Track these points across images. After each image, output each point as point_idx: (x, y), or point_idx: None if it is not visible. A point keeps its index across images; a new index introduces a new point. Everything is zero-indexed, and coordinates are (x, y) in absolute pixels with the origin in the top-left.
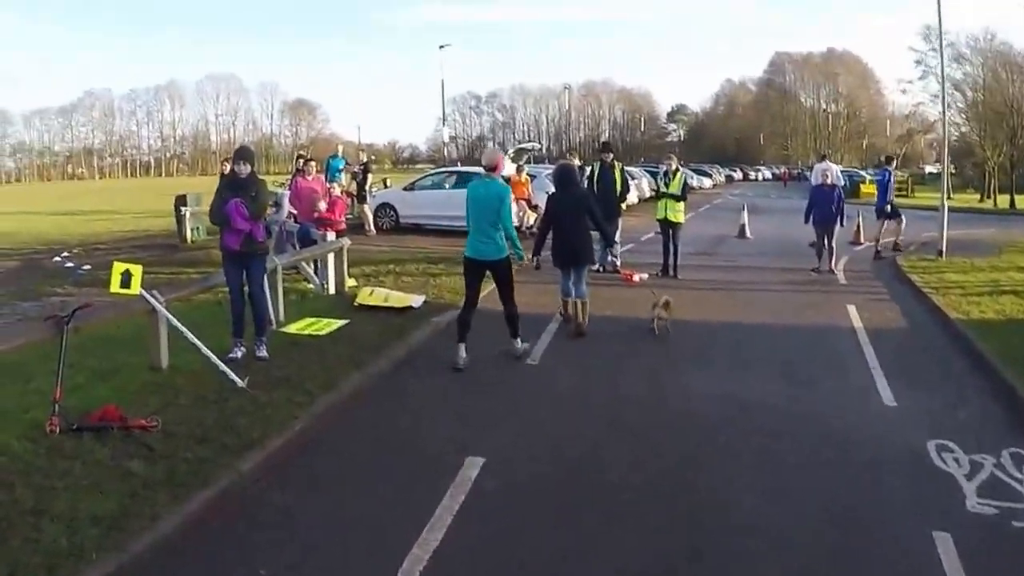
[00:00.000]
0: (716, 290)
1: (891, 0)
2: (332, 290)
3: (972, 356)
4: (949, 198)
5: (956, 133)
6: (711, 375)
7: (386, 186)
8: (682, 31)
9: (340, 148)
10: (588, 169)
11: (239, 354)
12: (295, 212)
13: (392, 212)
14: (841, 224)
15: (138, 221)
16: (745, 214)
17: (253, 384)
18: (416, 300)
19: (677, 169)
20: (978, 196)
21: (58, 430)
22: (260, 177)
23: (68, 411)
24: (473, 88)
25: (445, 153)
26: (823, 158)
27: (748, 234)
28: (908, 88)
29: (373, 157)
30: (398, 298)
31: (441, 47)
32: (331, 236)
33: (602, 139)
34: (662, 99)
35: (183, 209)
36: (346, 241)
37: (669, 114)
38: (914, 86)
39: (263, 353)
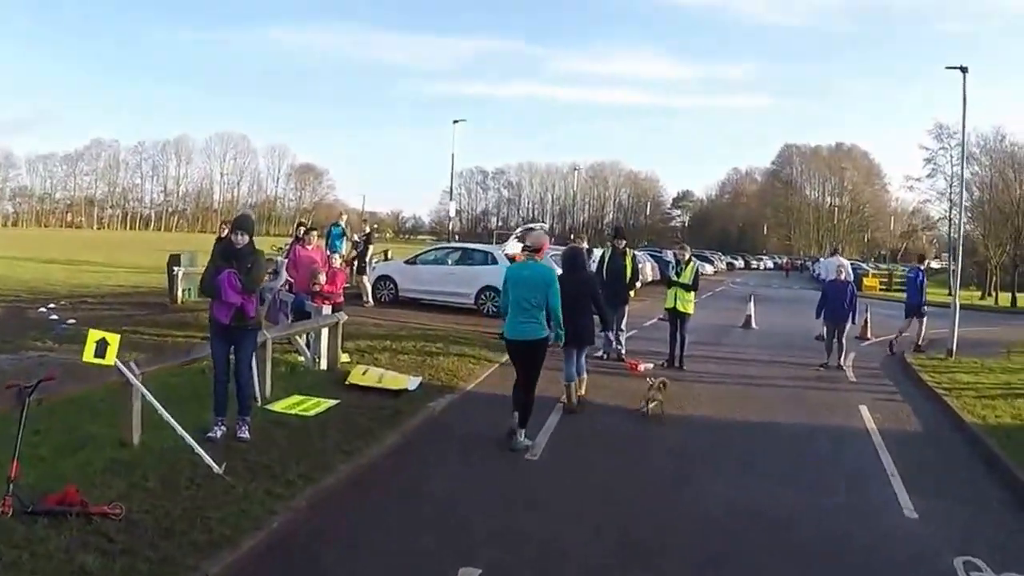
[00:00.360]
0: (723, 384)
1: (902, 98)
2: (324, 366)
3: (992, 464)
4: (949, 294)
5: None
6: (721, 481)
7: (387, 258)
8: (693, 119)
9: (343, 216)
10: (597, 253)
11: (219, 434)
12: (291, 281)
13: (392, 285)
14: (853, 321)
15: (130, 276)
16: (751, 304)
17: (230, 470)
18: (412, 382)
19: (690, 259)
20: (979, 293)
21: (10, 512)
22: (258, 248)
23: (24, 491)
24: (481, 163)
25: (450, 227)
26: (835, 252)
27: (754, 324)
28: (916, 185)
29: (376, 226)
30: (393, 379)
31: (455, 122)
32: (327, 309)
33: (613, 224)
34: (668, 184)
35: (176, 269)
36: (342, 316)
37: (675, 199)
38: (922, 183)
39: (244, 434)
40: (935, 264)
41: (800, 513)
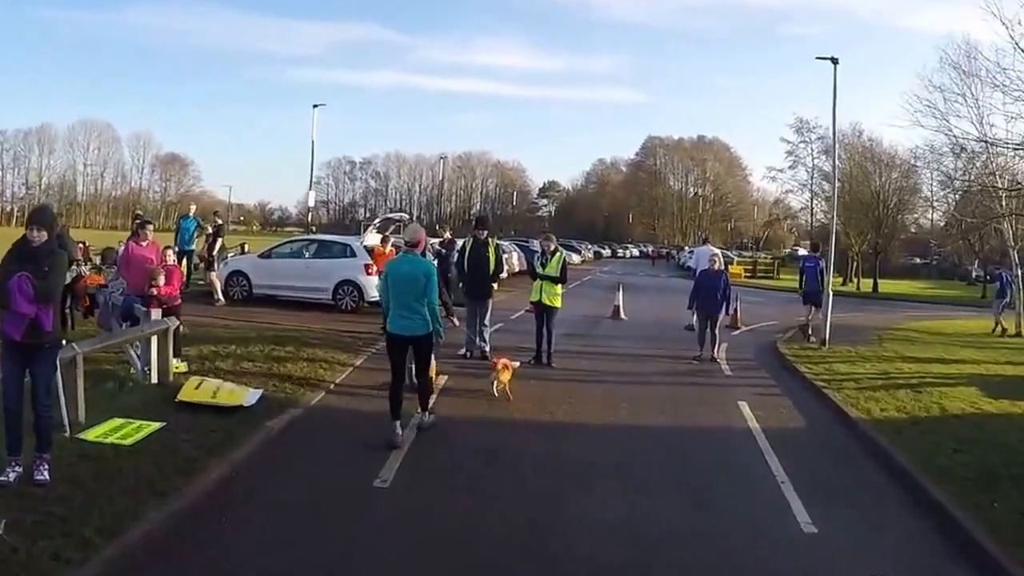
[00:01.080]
0: (596, 382)
1: (762, 93)
2: (155, 379)
3: (885, 463)
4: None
5: (821, 221)
6: (599, 496)
7: (243, 251)
8: (558, 110)
9: (192, 207)
10: (459, 243)
11: (12, 477)
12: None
13: (245, 281)
14: (726, 312)
15: None
16: (620, 295)
17: (14, 526)
18: (250, 396)
19: (556, 249)
20: (841, 279)
21: None
22: (63, 246)
23: None
24: (348, 153)
25: (310, 218)
26: (706, 241)
27: (623, 315)
28: (778, 176)
29: (219, 221)
30: (229, 393)
31: (315, 106)
32: (156, 314)
33: (475, 212)
34: (535, 175)
35: None
36: (173, 321)
37: (541, 189)
38: (784, 174)
39: (43, 476)
40: (803, 251)
41: (686, 532)
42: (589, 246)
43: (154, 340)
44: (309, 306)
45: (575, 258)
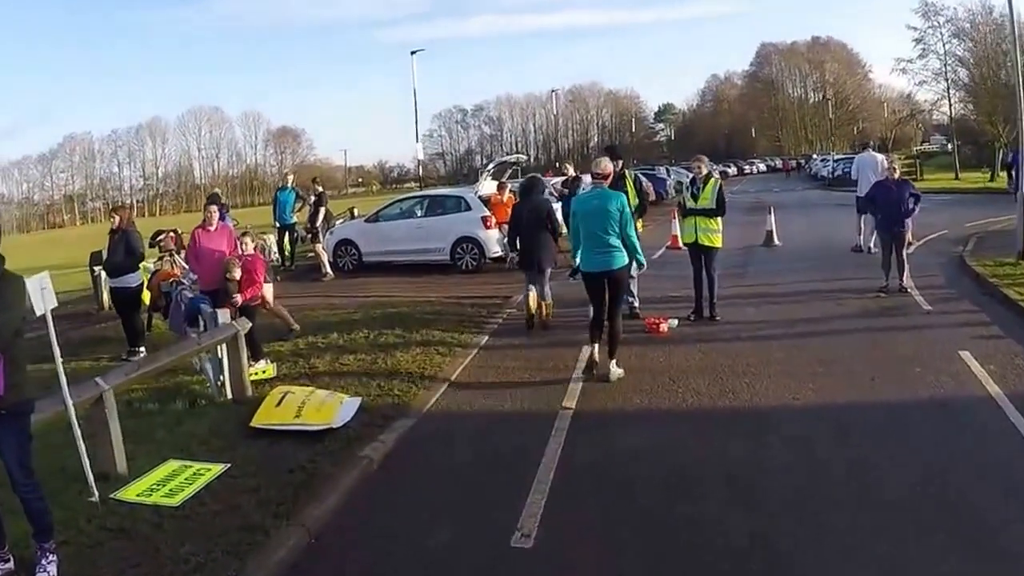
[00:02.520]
0: (772, 338)
1: None
2: (230, 394)
3: None
4: (956, 178)
5: (960, 112)
6: (839, 540)
7: (353, 216)
8: (663, 32)
9: (290, 178)
10: (586, 180)
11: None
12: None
13: (354, 250)
14: (912, 229)
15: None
16: (771, 217)
17: None
18: (344, 410)
19: (709, 174)
20: (988, 175)
21: None
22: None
23: None
24: (459, 102)
25: (420, 172)
26: (865, 146)
27: (776, 240)
28: (908, 67)
29: (320, 189)
30: (316, 409)
31: (413, 52)
32: (223, 315)
33: (596, 145)
34: (649, 99)
35: (96, 269)
36: (244, 324)
37: (656, 114)
38: (914, 65)
39: (50, 571)
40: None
41: None
42: (714, 166)
43: (223, 350)
44: (425, 269)
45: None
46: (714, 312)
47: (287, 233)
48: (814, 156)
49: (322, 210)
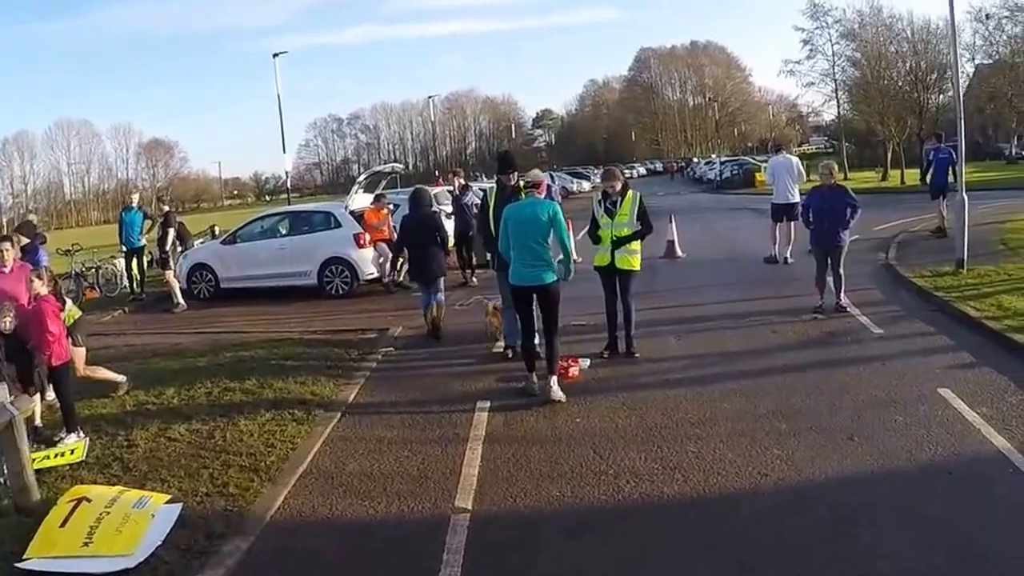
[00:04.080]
0: (707, 381)
1: None
2: (13, 498)
3: None
4: (846, 178)
5: (848, 112)
6: None
7: (214, 235)
8: (544, 37)
9: (135, 196)
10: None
11: None
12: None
13: (210, 275)
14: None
15: None
16: (673, 227)
17: None
18: (154, 530)
19: (626, 187)
20: (880, 175)
21: None
22: None
23: None
24: (335, 111)
25: (289, 184)
26: (779, 149)
27: (679, 251)
28: (795, 69)
29: (166, 208)
30: (114, 530)
31: (275, 55)
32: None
33: (500, 150)
34: (527, 106)
35: None
36: (23, 404)
37: (535, 120)
38: (802, 66)
39: None
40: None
41: None
42: (595, 171)
43: None
44: (291, 295)
45: (585, 186)
46: (632, 347)
47: (135, 257)
48: (695, 159)
49: (170, 232)
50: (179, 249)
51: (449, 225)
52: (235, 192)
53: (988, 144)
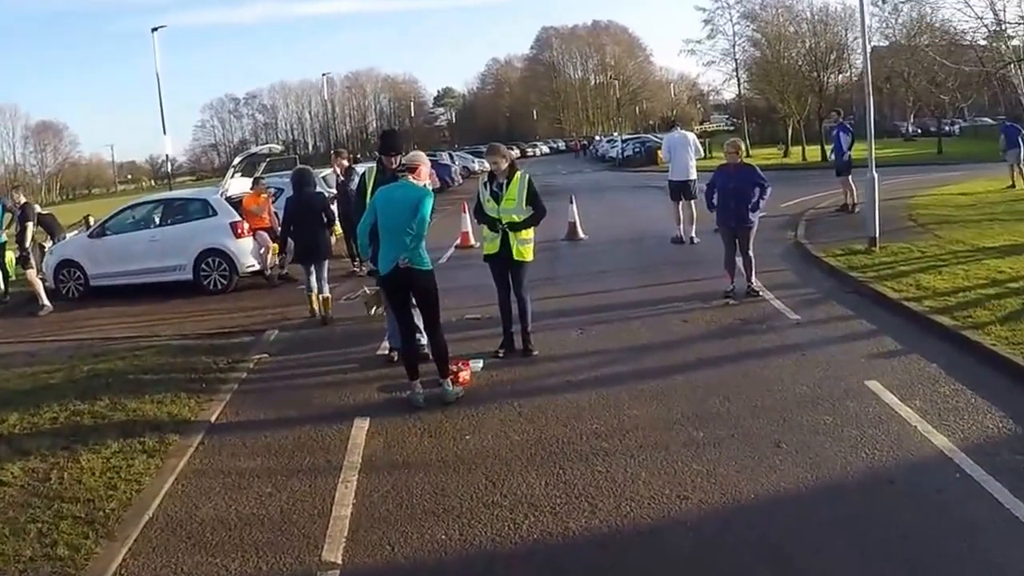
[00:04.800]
0: (613, 382)
1: None
2: None
3: None
4: (748, 155)
5: (748, 90)
6: None
7: (88, 226)
8: (445, 15)
9: None
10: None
11: None
12: None
13: (79, 272)
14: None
15: None
16: (574, 208)
17: None
18: None
19: (513, 167)
20: (782, 152)
21: None
22: None
23: None
24: (231, 90)
25: (170, 168)
26: (673, 125)
27: (581, 233)
28: (696, 48)
29: (21, 199)
30: None
31: (154, 30)
32: None
33: (379, 131)
34: (428, 84)
35: None
36: None
37: (436, 99)
38: (703, 45)
39: None
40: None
41: None
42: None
43: None
44: (167, 291)
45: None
46: (529, 344)
47: None
48: (597, 137)
49: (29, 226)
50: (49, 244)
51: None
52: (129, 176)
53: (885, 122)
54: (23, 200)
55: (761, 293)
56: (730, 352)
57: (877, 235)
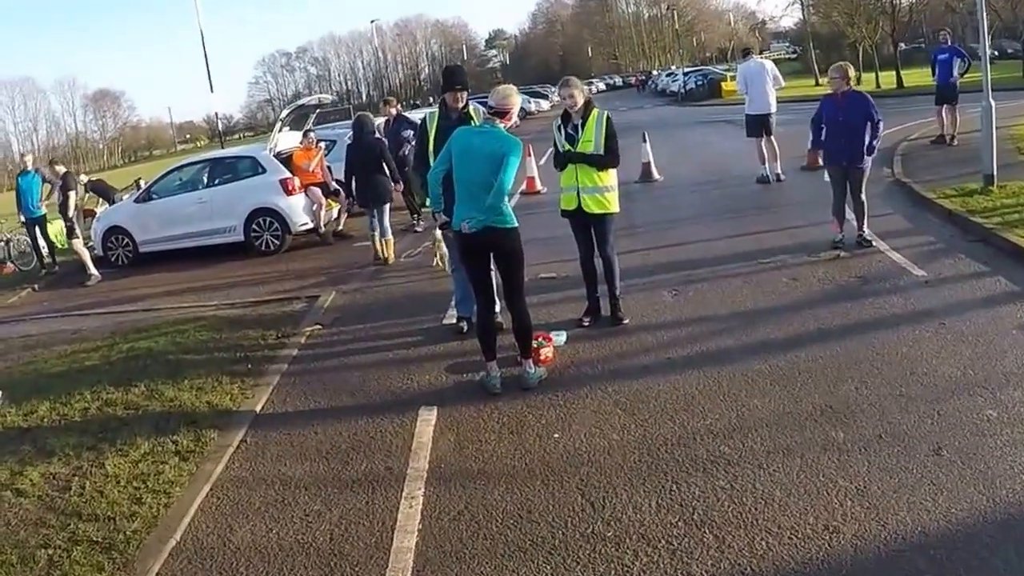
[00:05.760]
0: (723, 361)
1: None
2: None
3: None
4: (817, 84)
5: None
6: None
7: (139, 189)
8: None
9: (28, 159)
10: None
11: None
12: None
13: (127, 239)
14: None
15: None
16: (647, 146)
17: None
18: None
19: (588, 104)
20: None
21: None
22: None
23: None
24: (282, 46)
25: (220, 127)
26: (747, 53)
27: (656, 174)
28: None
29: (61, 169)
30: None
31: None
32: None
33: (445, 67)
34: (479, 27)
35: None
36: None
37: (487, 41)
38: None
39: None
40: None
41: None
42: (552, 89)
43: None
44: (218, 254)
45: (544, 104)
46: (619, 311)
47: (38, 227)
48: (655, 71)
49: (71, 196)
50: (102, 209)
51: None
52: (188, 136)
53: (962, 45)
54: (62, 170)
55: (874, 243)
56: (854, 320)
57: (995, 172)
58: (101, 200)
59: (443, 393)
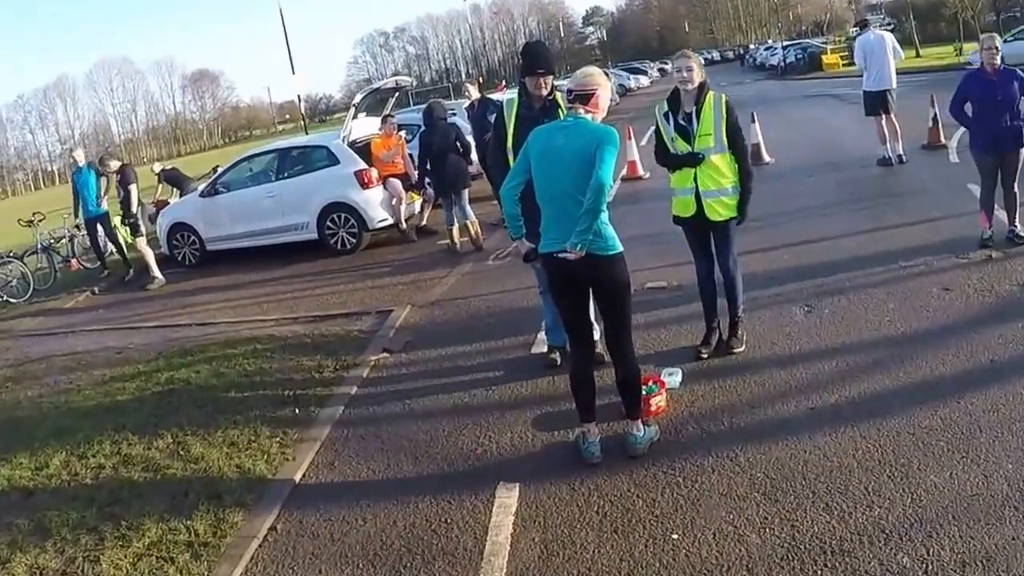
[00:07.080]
0: (878, 410)
1: None
2: None
3: None
4: (918, 56)
5: None
6: None
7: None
8: None
9: (79, 153)
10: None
11: None
12: None
13: (193, 236)
14: None
15: None
16: (757, 126)
17: None
18: None
19: (704, 86)
20: (956, 50)
21: None
22: None
23: None
24: (380, 25)
25: (303, 109)
26: (865, 24)
27: (766, 156)
28: None
29: (114, 164)
30: None
31: None
32: None
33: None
34: (576, 4)
35: None
36: None
37: (585, 18)
38: None
39: None
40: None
41: None
42: (651, 65)
43: None
44: (292, 250)
45: (644, 80)
46: (734, 336)
47: (99, 226)
48: (753, 45)
49: (132, 190)
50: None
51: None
52: (288, 116)
53: None
54: (117, 164)
55: None
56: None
57: None
58: (175, 191)
59: (528, 460)
